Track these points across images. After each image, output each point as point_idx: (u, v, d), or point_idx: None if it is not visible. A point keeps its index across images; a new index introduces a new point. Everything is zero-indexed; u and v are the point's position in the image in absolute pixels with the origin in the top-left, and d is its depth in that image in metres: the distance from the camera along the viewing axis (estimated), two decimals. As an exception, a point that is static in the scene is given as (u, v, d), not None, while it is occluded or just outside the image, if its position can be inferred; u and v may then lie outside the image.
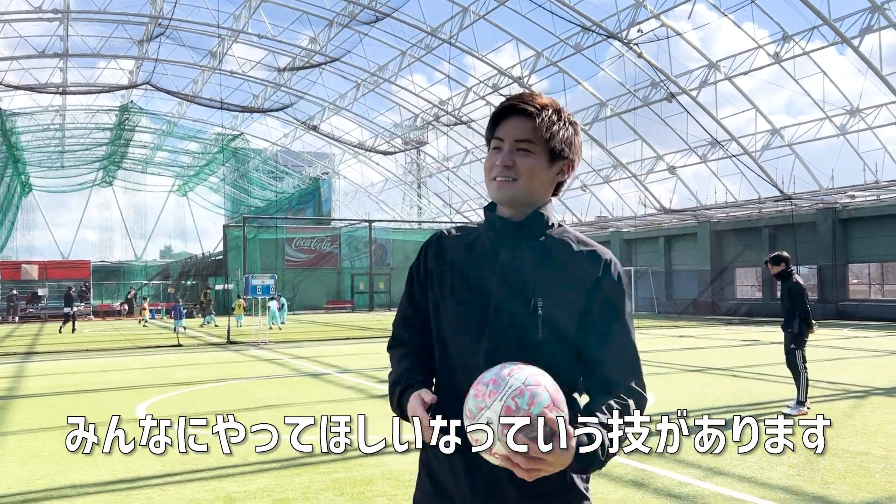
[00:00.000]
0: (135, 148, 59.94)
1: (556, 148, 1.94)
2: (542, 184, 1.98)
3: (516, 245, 1.96)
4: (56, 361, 17.39)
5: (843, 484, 5.64)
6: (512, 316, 1.89)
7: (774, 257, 9.56)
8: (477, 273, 1.96)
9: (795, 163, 31.66)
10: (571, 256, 1.94)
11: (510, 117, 1.95)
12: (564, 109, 1.99)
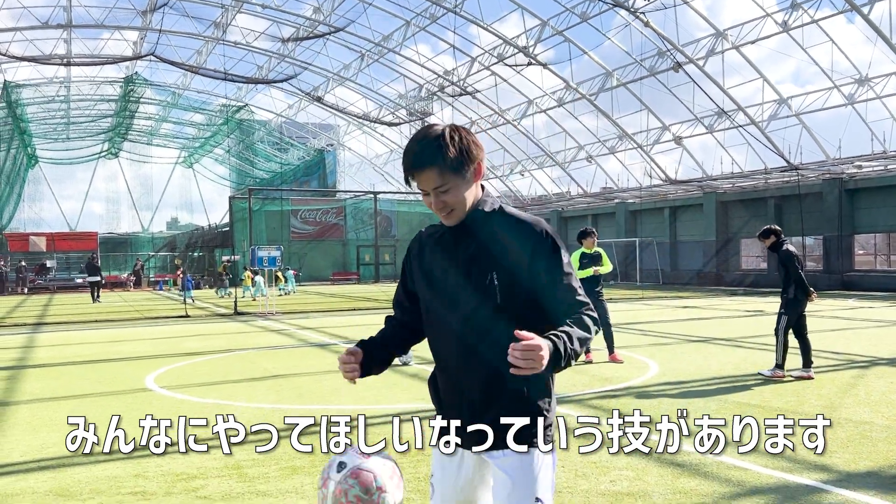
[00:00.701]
0: (140, 120, 59.82)
1: (462, 169, 2.39)
2: (470, 194, 2.46)
3: (469, 236, 2.48)
4: (65, 332, 17.55)
5: (845, 453, 5.70)
6: (475, 288, 2.43)
7: (764, 231, 9.73)
8: (445, 262, 2.52)
9: (802, 133, 31.46)
10: (511, 233, 2.44)
11: (417, 173, 2.40)
12: (449, 127, 2.40)
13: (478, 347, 2.44)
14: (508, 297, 2.40)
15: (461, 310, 2.46)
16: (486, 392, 2.45)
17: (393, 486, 2.40)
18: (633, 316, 19.10)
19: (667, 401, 7.89)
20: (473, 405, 2.47)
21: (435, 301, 2.55)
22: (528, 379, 2.26)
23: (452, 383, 2.53)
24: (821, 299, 25.20)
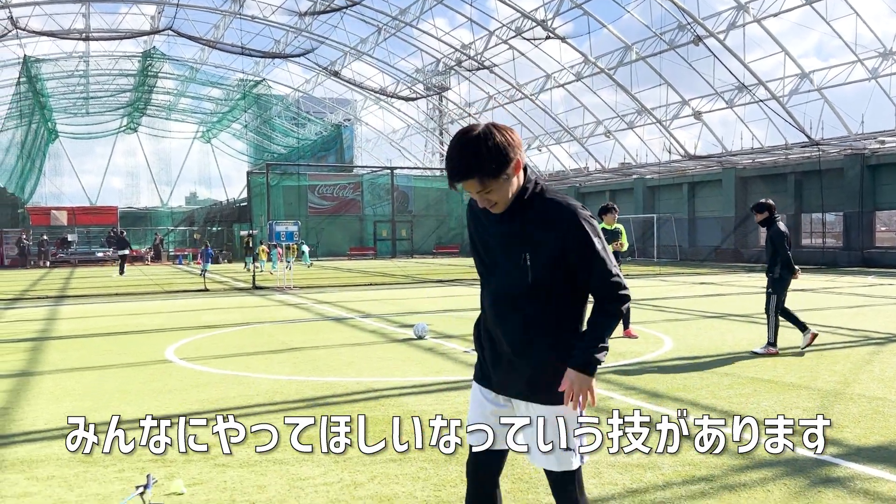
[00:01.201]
0: (158, 94, 60.00)
1: (500, 172, 2.57)
2: (511, 188, 2.64)
3: (510, 217, 2.69)
4: (87, 305, 17.81)
5: (856, 428, 5.72)
6: (509, 264, 2.68)
7: (758, 205, 9.69)
8: (487, 236, 2.78)
9: (824, 108, 31.04)
10: (546, 217, 2.64)
11: (462, 182, 2.59)
12: (485, 132, 2.55)
13: (509, 319, 2.73)
14: (539, 277, 2.65)
15: (496, 281, 2.78)
16: (516, 352, 2.75)
17: None
18: (649, 292, 19.09)
19: (679, 376, 7.93)
20: (507, 359, 2.77)
21: (481, 266, 2.89)
22: (558, 345, 2.69)
23: (491, 339, 2.85)
24: (839, 276, 25.03)
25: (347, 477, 4.71)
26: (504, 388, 2.81)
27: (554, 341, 2.69)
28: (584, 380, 2.63)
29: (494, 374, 2.83)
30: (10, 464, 5.11)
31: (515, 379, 2.76)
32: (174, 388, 7.63)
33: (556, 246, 2.63)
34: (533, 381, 2.72)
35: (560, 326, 2.71)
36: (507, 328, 2.74)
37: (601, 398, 6.87)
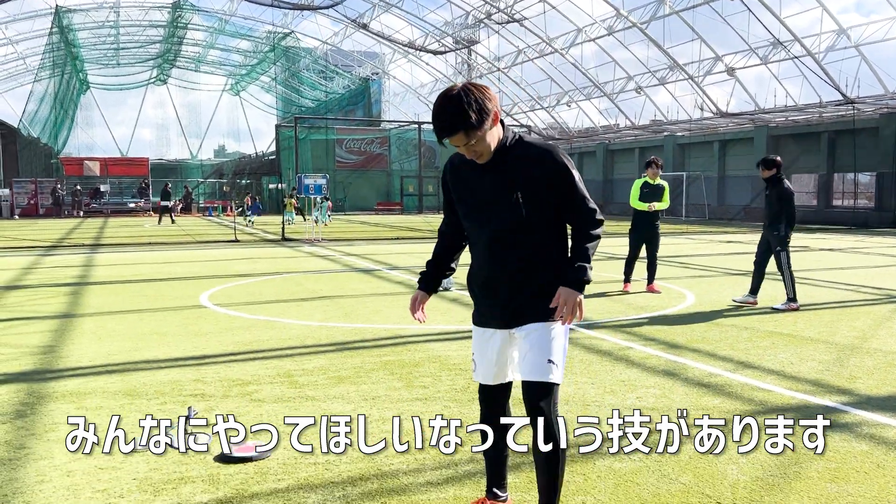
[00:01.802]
0: (187, 46, 60.17)
1: (481, 124, 2.86)
2: (493, 138, 2.95)
3: (495, 165, 3.00)
4: (121, 253, 18.29)
5: (869, 379, 5.87)
6: (503, 208, 2.98)
7: (768, 161, 9.65)
8: (478, 185, 3.06)
9: (861, 65, 30.38)
10: (530, 159, 2.97)
11: (448, 137, 2.88)
12: (463, 91, 2.84)
13: (505, 255, 3.04)
14: (530, 212, 2.98)
15: (492, 225, 3.03)
16: (513, 286, 3.05)
17: None
18: (675, 249, 19.14)
19: (699, 328, 8.09)
20: (503, 295, 3.07)
21: (470, 217, 3.14)
22: (546, 272, 3.03)
23: (485, 280, 3.13)
24: (869, 237, 24.79)
25: (376, 413, 4.97)
26: (502, 323, 3.10)
27: (546, 272, 3.02)
28: (574, 295, 2.95)
29: (493, 312, 3.11)
30: (60, 395, 5.45)
31: (513, 312, 3.05)
32: (209, 331, 7.95)
33: (542, 181, 2.95)
34: (527, 306, 3.02)
35: (550, 258, 3.04)
36: (507, 264, 3.02)
37: (620, 348, 7.07)
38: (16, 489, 3.74)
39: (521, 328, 3.06)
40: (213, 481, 3.84)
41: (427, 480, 3.85)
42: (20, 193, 42.83)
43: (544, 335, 3.01)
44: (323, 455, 4.19)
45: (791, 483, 3.78)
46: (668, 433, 4.60)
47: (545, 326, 3.01)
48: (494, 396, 3.23)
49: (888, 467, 3.99)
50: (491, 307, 3.13)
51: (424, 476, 3.91)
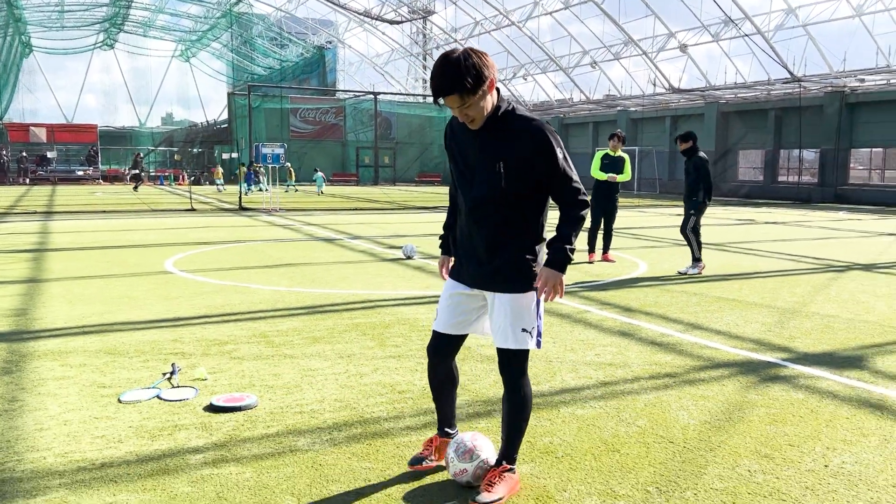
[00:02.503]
0: (136, 10, 58.60)
1: (477, 89, 2.96)
2: (487, 104, 3.05)
3: (486, 132, 3.12)
4: (76, 221, 18.10)
5: (807, 339, 6.36)
6: (486, 173, 3.14)
7: (684, 134, 10.27)
8: (466, 148, 3.21)
9: (808, 44, 31.32)
10: (517, 132, 3.08)
11: (444, 97, 2.98)
12: (464, 54, 2.95)
13: (485, 218, 3.19)
14: (511, 182, 3.11)
15: (475, 189, 3.19)
16: (489, 250, 3.22)
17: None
18: (628, 222, 19.70)
19: (651, 293, 8.54)
20: (480, 257, 3.25)
21: (459, 177, 3.30)
22: (522, 244, 3.20)
23: (466, 238, 3.30)
24: (812, 211, 25.79)
25: (353, 368, 5.26)
26: (477, 283, 3.27)
27: (521, 243, 3.18)
28: (556, 276, 3.13)
29: (469, 270, 3.29)
30: (42, 353, 5.61)
31: (488, 273, 3.22)
32: (179, 295, 8.11)
33: (526, 155, 3.07)
34: (502, 275, 3.19)
35: (526, 230, 3.19)
36: (484, 229, 3.18)
37: (578, 311, 7.46)
38: (17, 436, 3.94)
39: (493, 295, 3.24)
40: (206, 428, 4.09)
41: (406, 425, 4.16)
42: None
43: (516, 306, 3.19)
44: (307, 405, 4.47)
45: (735, 425, 4.20)
46: (624, 384, 5.01)
47: (519, 297, 3.19)
48: (445, 346, 3.42)
49: (820, 412, 4.44)
50: (468, 266, 3.30)
51: (404, 421, 4.22)
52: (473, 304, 3.36)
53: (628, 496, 3.29)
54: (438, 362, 3.47)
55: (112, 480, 3.41)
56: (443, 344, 3.43)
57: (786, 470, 3.58)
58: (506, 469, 3.30)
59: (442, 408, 3.61)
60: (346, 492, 3.33)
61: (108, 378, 5.01)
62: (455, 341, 3.44)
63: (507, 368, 3.29)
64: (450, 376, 3.52)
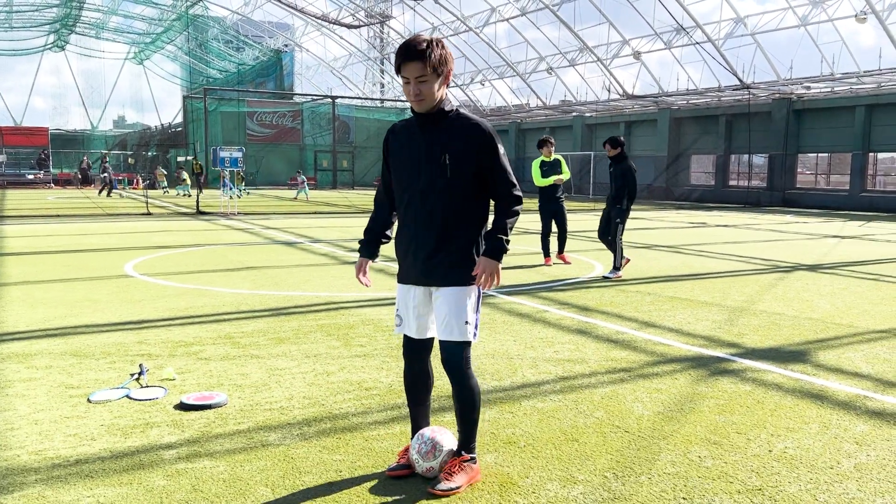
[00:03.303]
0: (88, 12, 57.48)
1: (438, 70, 3.23)
2: (438, 93, 3.28)
3: (432, 127, 3.34)
4: (30, 225, 17.80)
5: (754, 335, 6.66)
6: (432, 166, 3.33)
7: (613, 140, 10.44)
8: (412, 144, 3.39)
9: (756, 52, 32.21)
10: (463, 128, 3.31)
11: (408, 62, 3.19)
12: (434, 39, 3.23)
13: (433, 209, 3.35)
14: (455, 174, 3.31)
15: (421, 180, 3.36)
16: (436, 242, 3.36)
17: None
18: (584, 225, 20.07)
19: (607, 294, 8.81)
20: (427, 251, 3.38)
21: (404, 173, 3.44)
22: (465, 237, 3.37)
23: (412, 236, 3.42)
24: (761, 215, 26.55)
25: (319, 367, 5.38)
26: (422, 279, 3.40)
27: (464, 238, 3.35)
28: (493, 264, 3.30)
29: (413, 269, 3.41)
30: (6, 356, 5.61)
31: (432, 269, 3.35)
32: (141, 298, 8.12)
33: (470, 150, 3.29)
34: (444, 268, 3.34)
35: (470, 225, 3.36)
36: (429, 221, 3.33)
37: (537, 311, 7.68)
38: (-12, 436, 3.98)
39: (438, 290, 3.37)
40: (178, 425, 4.18)
41: (374, 420, 4.30)
42: None
43: (460, 299, 3.33)
44: (276, 402, 4.59)
45: (686, 415, 4.43)
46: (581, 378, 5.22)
47: (461, 291, 3.34)
48: (417, 349, 3.53)
49: (766, 402, 4.70)
50: (413, 264, 3.41)
51: (372, 416, 4.36)
52: (427, 306, 3.46)
53: (587, 481, 3.49)
54: (413, 365, 3.57)
55: (88, 476, 3.49)
56: (413, 347, 3.54)
57: (733, 455, 3.82)
58: (465, 459, 3.44)
59: (415, 414, 3.65)
60: (318, 482, 3.46)
61: (75, 379, 5.05)
62: (424, 344, 3.55)
63: (452, 361, 3.40)
64: (424, 378, 3.59)
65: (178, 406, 4.49)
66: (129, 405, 4.52)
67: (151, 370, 5.23)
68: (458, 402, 3.46)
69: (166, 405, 4.52)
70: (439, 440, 3.50)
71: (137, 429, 4.12)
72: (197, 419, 4.28)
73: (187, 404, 4.47)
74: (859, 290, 9.38)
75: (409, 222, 3.42)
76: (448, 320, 3.35)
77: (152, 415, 4.35)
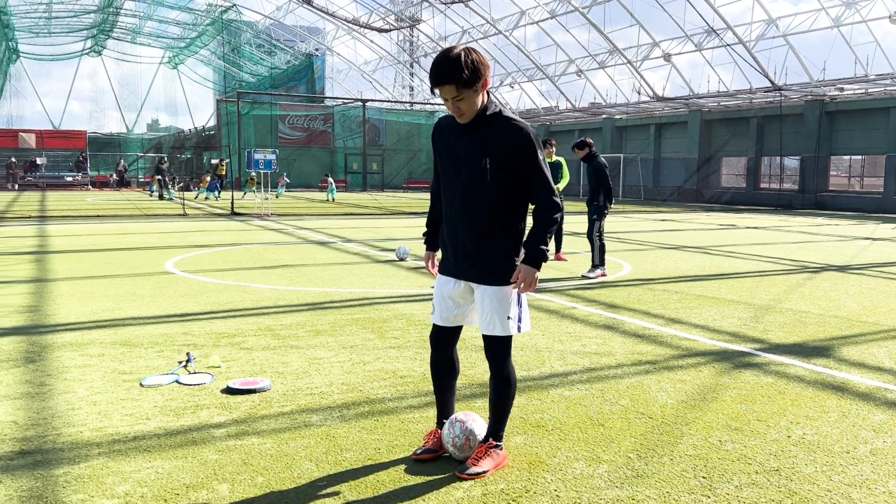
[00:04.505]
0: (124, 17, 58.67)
1: (472, 84, 3.26)
2: (478, 101, 3.36)
3: (473, 130, 3.42)
4: (72, 224, 18.36)
5: (779, 331, 6.79)
6: (472, 167, 3.43)
7: (579, 143, 10.51)
8: (454, 144, 3.50)
9: (788, 54, 31.98)
10: (504, 130, 3.38)
11: (440, 86, 3.27)
12: (464, 51, 3.25)
13: (471, 209, 3.47)
14: (495, 177, 3.40)
15: (461, 181, 3.48)
16: (475, 241, 3.49)
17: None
18: (613, 227, 20.17)
19: (635, 292, 8.96)
20: (467, 249, 3.52)
21: (446, 171, 3.57)
22: (504, 237, 3.49)
23: (453, 233, 3.56)
24: (792, 217, 26.39)
25: (356, 357, 5.64)
26: (464, 274, 3.54)
27: (505, 239, 3.46)
28: (532, 271, 3.44)
29: (456, 263, 3.55)
30: (61, 345, 5.94)
31: (474, 266, 3.49)
32: (184, 293, 8.45)
33: (509, 154, 3.36)
34: (487, 267, 3.47)
35: (508, 225, 3.47)
36: (471, 223, 3.44)
37: (565, 307, 7.87)
38: (52, 414, 4.29)
39: (479, 287, 3.51)
40: (226, 407, 4.45)
41: (409, 405, 4.54)
42: (-50, 165, 41.57)
43: (502, 296, 3.47)
44: (317, 388, 4.84)
45: (709, 404, 4.61)
46: (608, 370, 5.41)
47: (503, 289, 3.47)
48: (445, 338, 3.71)
49: (787, 393, 4.86)
50: (454, 259, 3.56)
51: (406, 402, 4.60)
52: (464, 298, 3.61)
53: (611, 461, 3.69)
54: (440, 352, 3.76)
55: (146, 450, 3.77)
56: (442, 335, 3.72)
57: (752, 440, 3.99)
58: (492, 445, 3.61)
59: (442, 399, 3.83)
60: (358, 458, 3.70)
61: (126, 366, 5.36)
62: (453, 332, 3.73)
63: (493, 353, 3.59)
64: (450, 365, 3.78)
65: (224, 390, 4.76)
66: (178, 389, 4.80)
67: (198, 358, 5.52)
68: (493, 391, 3.63)
69: (213, 390, 4.79)
70: (472, 430, 3.67)
71: (188, 410, 4.40)
72: (243, 402, 4.55)
73: (234, 388, 4.74)
74: (888, 289, 9.43)
75: (451, 219, 3.54)
76: (491, 316, 3.49)
77: (201, 398, 4.63)
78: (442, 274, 3.67)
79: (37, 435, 3.96)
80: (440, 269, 3.70)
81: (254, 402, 4.54)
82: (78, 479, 3.41)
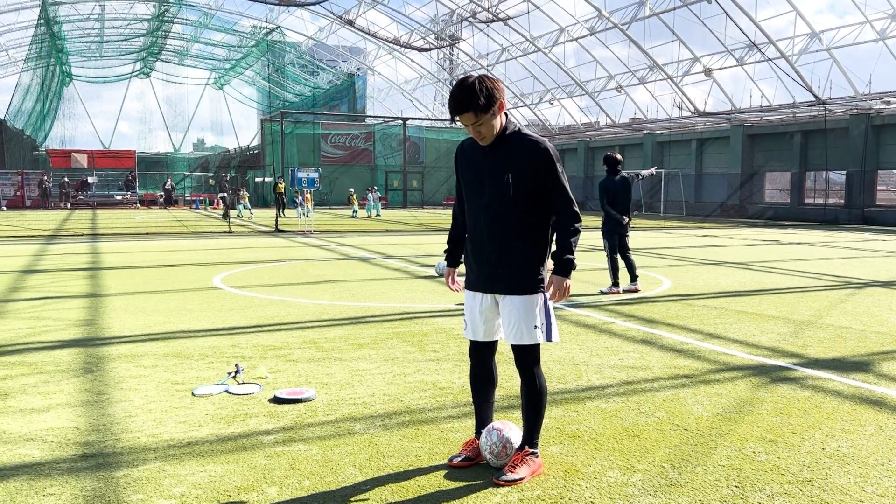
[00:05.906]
0: (172, 40, 60.36)
1: (489, 109, 3.47)
2: (496, 124, 3.56)
3: (495, 150, 3.62)
4: (123, 242, 18.94)
5: (819, 347, 6.78)
6: (496, 183, 3.62)
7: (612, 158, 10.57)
8: (478, 163, 3.69)
9: (832, 67, 31.56)
10: (523, 147, 3.58)
11: (459, 115, 3.49)
12: (478, 79, 3.46)
13: (496, 223, 3.64)
14: (517, 192, 3.58)
15: (485, 197, 3.65)
16: (499, 255, 3.66)
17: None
18: (653, 242, 20.11)
19: (674, 307, 8.99)
20: (491, 262, 3.68)
21: (470, 189, 3.76)
22: (527, 250, 3.64)
23: (478, 247, 3.73)
24: (837, 233, 25.95)
25: (397, 369, 5.81)
26: (489, 287, 3.69)
27: (526, 248, 3.62)
28: (562, 280, 3.62)
29: (480, 278, 3.71)
30: (116, 356, 6.23)
31: (498, 278, 3.65)
32: (232, 307, 8.73)
33: (530, 170, 3.54)
34: (510, 278, 3.62)
35: (531, 236, 3.62)
36: (495, 236, 3.61)
37: (603, 322, 7.95)
38: (111, 421, 4.53)
39: (504, 298, 3.65)
40: (273, 416, 4.65)
41: (448, 415, 4.69)
42: (6, 185, 43.11)
43: (528, 306, 3.61)
44: (360, 398, 5.02)
45: (744, 416, 4.66)
46: (644, 383, 5.49)
47: (528, 299, 3.61)
48: (482, 351, 3.84)
49: (824, 407, 4.89)
50: (479, 274, 3.72)
51: (446, 412, 4.75)
52: (493, 312, 3.75)
53: (645, 470, 3.79)
54: (479, 364, 3.90)
55: (199, 455, 3.98)
56: (479, 349, 3.88)
57: (787, 452, 4.05)
58: (528, 453, 3.74)
59: (480, 409, 3.95)
60: (399, 465, 3.86)
61: (179, 377, 5.60)
62: (489, 346, 3.87)
63: (522, 362, 3.73)
64: (489, 377, 3.91)
65: (272, 400, 4.96)
66: (228, 399, 5.02)
67: (246, 370, 5.74)
68: (525, 399, 3.77)
69: (262, 399, 5.00)
70: (508, 438, 3.80)
71: (238, 418, 4.60)
72: (290, 411, 4.74)
73: (281, 398, 4.94)
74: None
75: (475, 235, 3.71)
76: (518, 326, 3.63)
77: (250, 407, 4.83)
78: (468, 290, 3.82)
79: (97, 440, 4.20)
80: (466, 286, 3.84)
81: (300, 411, 4.73)
82: (137, 481, 3.63)
